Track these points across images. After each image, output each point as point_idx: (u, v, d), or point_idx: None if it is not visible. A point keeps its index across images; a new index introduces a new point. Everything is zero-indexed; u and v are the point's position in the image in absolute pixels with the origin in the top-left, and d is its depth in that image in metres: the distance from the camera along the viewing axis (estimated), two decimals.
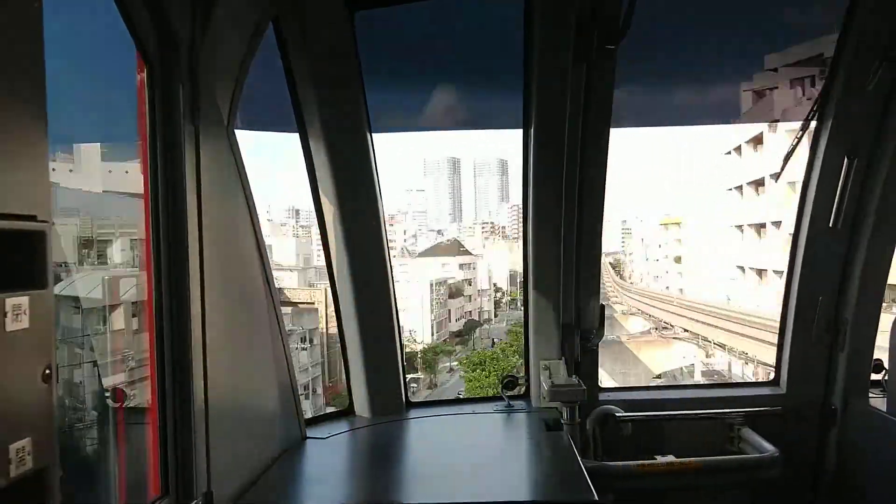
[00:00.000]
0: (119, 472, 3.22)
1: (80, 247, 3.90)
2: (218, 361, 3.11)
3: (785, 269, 5.21)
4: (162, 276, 2.90)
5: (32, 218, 1.78)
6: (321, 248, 4.75)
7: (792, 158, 4.92)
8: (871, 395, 4.96)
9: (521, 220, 4.92)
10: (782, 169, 5.19)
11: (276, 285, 4.01)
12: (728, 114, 5.66)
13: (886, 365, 4.86)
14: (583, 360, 4.97)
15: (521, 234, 4.99)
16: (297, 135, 4.44)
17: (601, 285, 5.05)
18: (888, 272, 4.96)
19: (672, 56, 4.97)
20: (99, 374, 3.50)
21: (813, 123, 4.76)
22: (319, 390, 24.13)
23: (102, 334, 3.78)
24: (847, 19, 4.40)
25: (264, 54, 3.78)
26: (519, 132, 4.65)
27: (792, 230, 5.10)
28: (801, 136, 4.79)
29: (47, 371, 1.79)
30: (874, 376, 5.05)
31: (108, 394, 3.45)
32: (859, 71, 4.42)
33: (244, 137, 3.62)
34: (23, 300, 1.73)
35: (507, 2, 4.43)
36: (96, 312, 3.79)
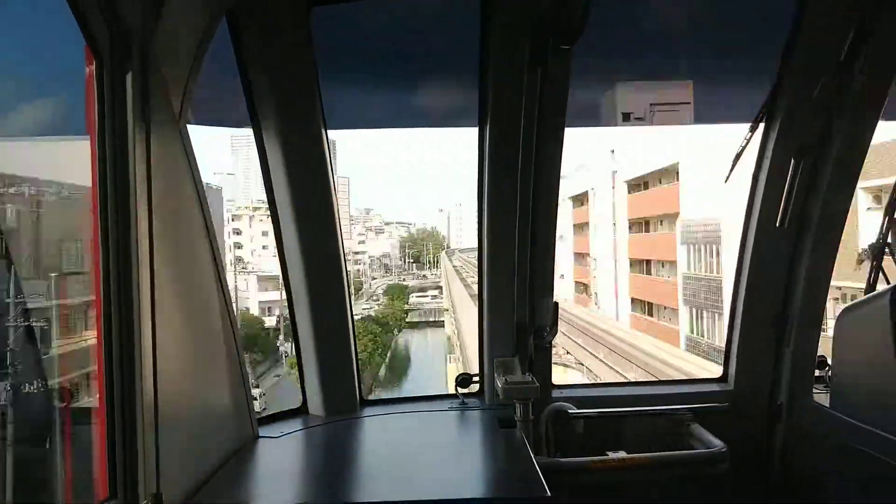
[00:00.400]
0: (65, 474, 3.15)
1: None
2: (168, 359, 3.05)
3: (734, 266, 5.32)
4: (110, 273, 2.84)
5: None
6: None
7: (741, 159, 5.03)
8: (815, 390, 5.10)
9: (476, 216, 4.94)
10: (731, 170, 5.29)
11: (229, 281, 3.96)
12: (682, 115, 5.72)
13: (829, 361, 5.01)
14: (536, 357, 5.00)
15: (476, 232, 5.01)
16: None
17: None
18: (832, 271, 5.10)
19: (627, 56, 5.03)
20: (44, 373, 3.41)
21: (761, 125, 4.87)
22: None
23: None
24: (795, 25, 4.50)
25: (218, 47, 3.73)
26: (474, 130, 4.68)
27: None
28: (750, 137, 4.89)
29: None
30: (818, 372, 5.19)
31: (52, 392, 3.37)
32: (805, 75, 4.53)
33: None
34: None
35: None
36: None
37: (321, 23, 4.14)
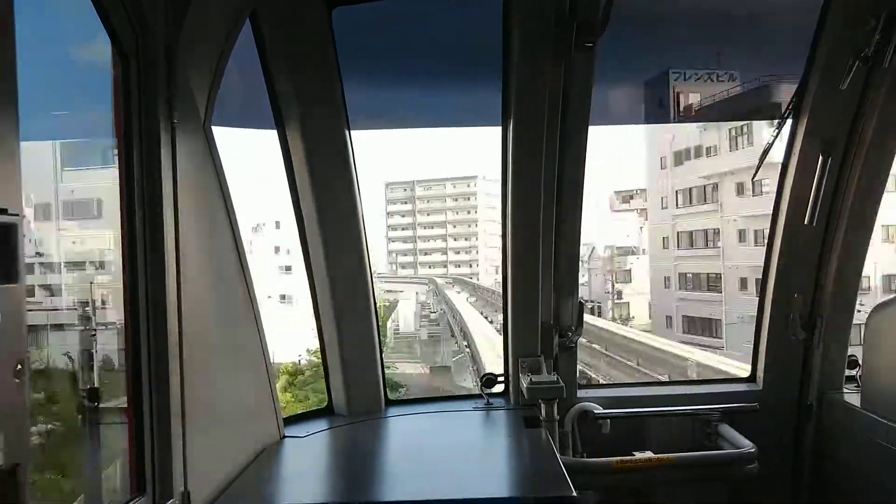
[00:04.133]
0: (95, 471, 3.19)
1: None
2: (195, 360, 3.08)
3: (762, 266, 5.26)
4: (138, 274, 2.87)
5: (3, 211, 1.75)
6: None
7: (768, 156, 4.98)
8: (846, 390, 5.02)
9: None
10: (759, 167, 5.23)
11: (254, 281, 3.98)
12: (706, 112, 5.68)
13: (860, 361, 4.93)
14: (561, 357, 4.99)
15: (500, 233, 4.99)
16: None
17: None
18: (862, 269, 5.02)
19: (650, 53, 4.99)
20: (75, 373, 3.45)
21: (788, 121, 4.81)
22: None
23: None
24: (821, 18, 4.45)
25: (242, 50, 3.75)
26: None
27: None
28: (777, 133, 4.83)
29: (19, 366, 1.76)
30: (849, 372, 5.11)
31: (83, 393, 3.41)
32: (833, 70, 4.46)
33: None
34: None
35: None
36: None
37: (343, 23, 4.16)
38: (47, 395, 3.26)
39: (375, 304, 4.88)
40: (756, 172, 5.19)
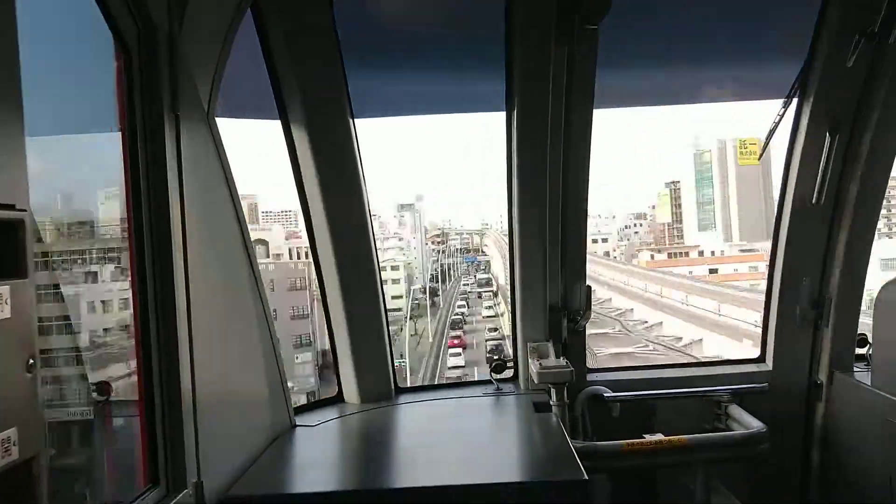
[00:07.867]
0: (107, 464, 3.20)
1: None
2: (204, 350, 3.09)
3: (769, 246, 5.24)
4: (146, 265, 2.87)
5: (11, 207, 1.75)
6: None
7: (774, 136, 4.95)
8: (856, 369, 5.01)
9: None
10: (765, 147, 5.20)
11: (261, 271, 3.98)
12: (711, 93, 5.65)
13: (870, 339, 4.91)
14: (570, 341, 4.99)
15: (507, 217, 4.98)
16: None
17: None
18: (871, 248, 5.00)
19: (654, 35, 4.95)
20: (84, 367, 3.45)
21: (794, 100, 4.78)
22: None
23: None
24: None
25: (244, 40, 3.74)
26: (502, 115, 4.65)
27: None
28: (783, 113, 4.80)
29: (31, 361, 1.77)
30: (859, 350, 5.10)
31: (93, 387, 3.41)
32: (839, 47, 4.43)
33: None
34: (3, 289, 1.71)
35: None
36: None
37: (345, 10, 4.15)
38: None
39: (383, 291, 4.89)
40: (762, 152, 5.16)
